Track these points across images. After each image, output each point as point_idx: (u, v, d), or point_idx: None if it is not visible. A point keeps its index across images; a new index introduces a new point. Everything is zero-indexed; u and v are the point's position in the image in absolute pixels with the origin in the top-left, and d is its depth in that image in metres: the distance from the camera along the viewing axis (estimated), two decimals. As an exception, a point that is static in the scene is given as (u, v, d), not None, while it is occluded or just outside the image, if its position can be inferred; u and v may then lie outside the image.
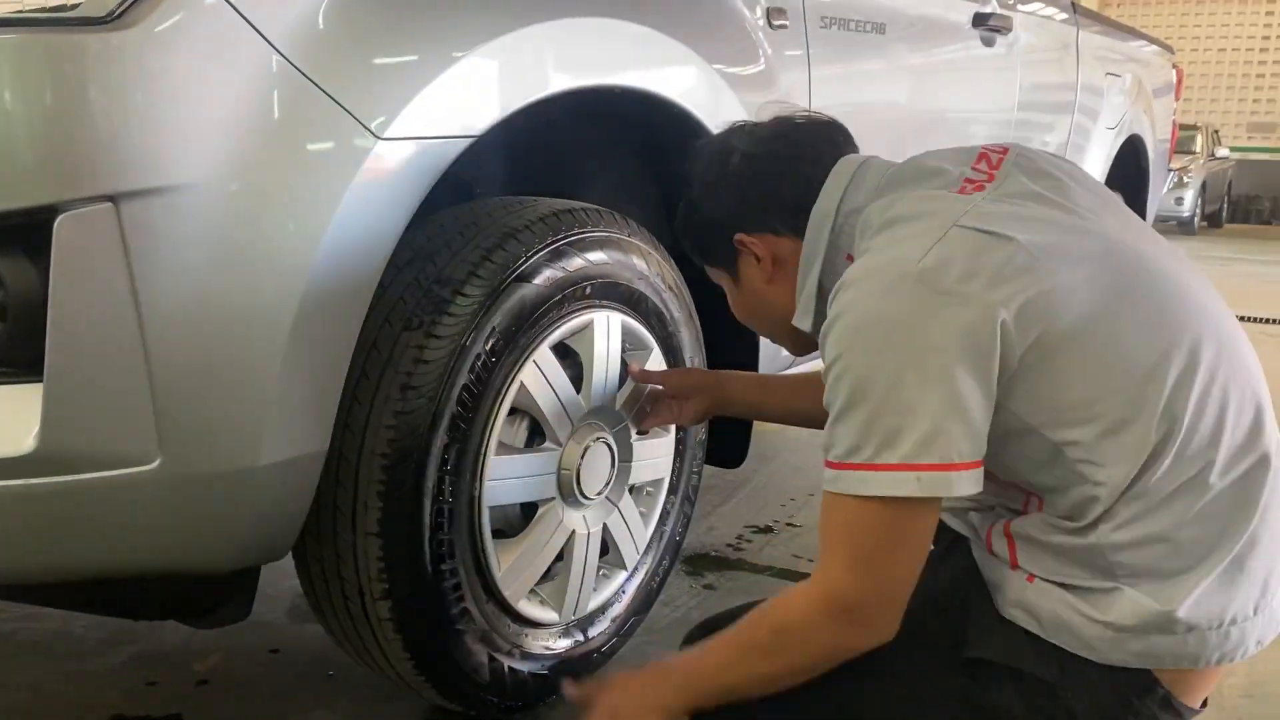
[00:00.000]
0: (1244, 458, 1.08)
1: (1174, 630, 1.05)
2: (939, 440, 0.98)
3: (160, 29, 1.02)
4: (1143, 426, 1.03)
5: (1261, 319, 5.83)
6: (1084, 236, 1.08)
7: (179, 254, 1.04)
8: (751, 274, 1.28)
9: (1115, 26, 3.99)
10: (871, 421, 0.99)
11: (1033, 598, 1.10)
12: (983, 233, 1.04)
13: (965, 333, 0.99)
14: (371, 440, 1.29)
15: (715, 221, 1.27)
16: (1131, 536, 1.05)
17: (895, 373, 0.98)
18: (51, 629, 1.87)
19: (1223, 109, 16.36)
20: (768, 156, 1.24)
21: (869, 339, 1.00)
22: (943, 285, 1.00)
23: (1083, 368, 1.03)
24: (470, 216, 1.43)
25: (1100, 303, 1.04)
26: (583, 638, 1.63)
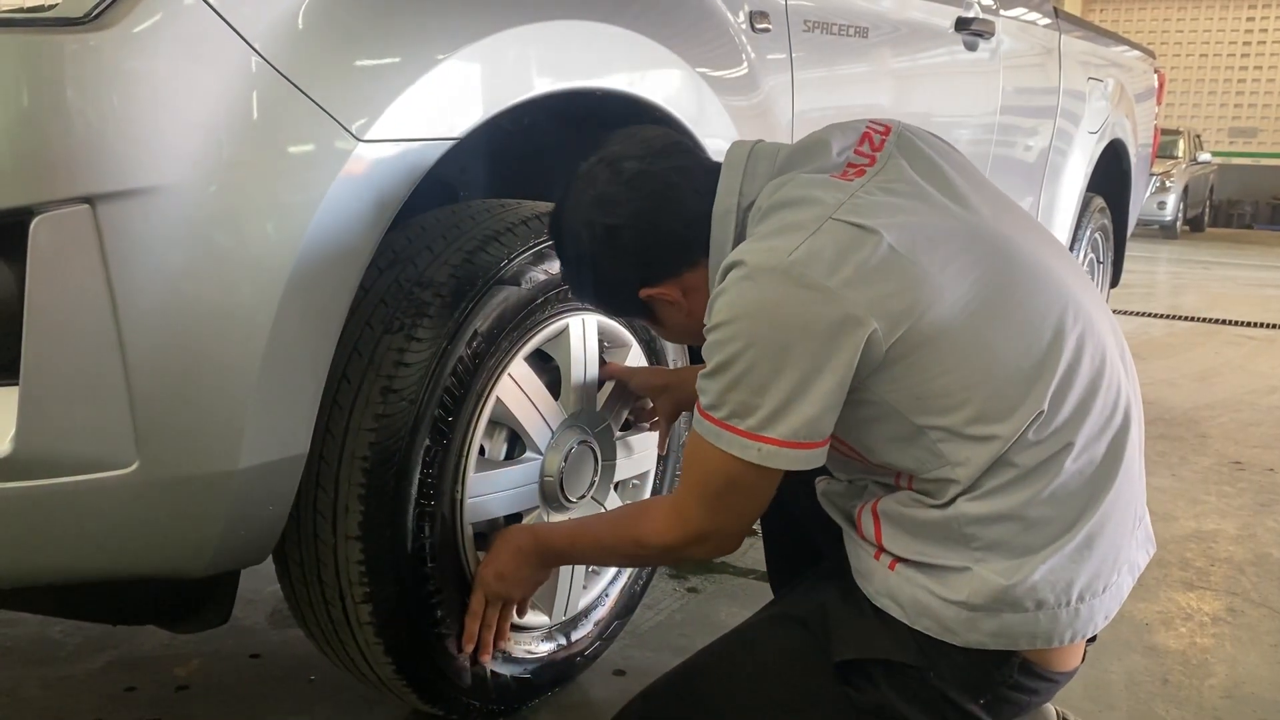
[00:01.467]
0: (1101, 439, 1.15)
1: (1024, 607, 1.11)
2: (782, 421, 1.08)
3: (138, 29, 1.01)
4: (1008, 415, 1.10)
5: (1243, 322, 5.87)
6: (955, 228, 1.13)
7: (156, 256, 1.03)
8: (670, 314, 1.27)
9: (1097, 31, 4.01)
10: (729, 390, 1.09)
11: (895, 585, 1.17)
12: (856, 227, 1.08)
13: (825, 330, 1.05)
14: (352, 443, 1.28)
15: (614, 289, 1.26)
16: (986, 510, 1.12)
17: (755, 355, 1.07)
18: (29, 634, 1.86)
19: (1205, 114, 16.47)
20: (637, 215, 1.20)
21: (739, 319, 1.08)
22: (810, 280, 1.05)
23: (949, 361, 1.09)
24: (452, 219, 1.42)
25: (969, 298, 1.09)
26: (565, 641, 1.63)
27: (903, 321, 1.06)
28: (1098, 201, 4.02)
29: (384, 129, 1.18)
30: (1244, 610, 2.11)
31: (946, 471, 1.12)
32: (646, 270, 1.23)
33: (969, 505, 1.13)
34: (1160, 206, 11.94)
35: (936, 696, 1.17)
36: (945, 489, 1.14)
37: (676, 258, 1.22)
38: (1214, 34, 16.45)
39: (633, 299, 1.25)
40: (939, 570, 1.14)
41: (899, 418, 1.12)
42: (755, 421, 1.08)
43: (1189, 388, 4.19)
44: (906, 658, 1.16)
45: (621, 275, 1.23)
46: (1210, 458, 3.20)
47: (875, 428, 1.14)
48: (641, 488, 1.75)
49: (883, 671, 1.18)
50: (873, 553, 1.20)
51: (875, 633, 1.18)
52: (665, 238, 1.21)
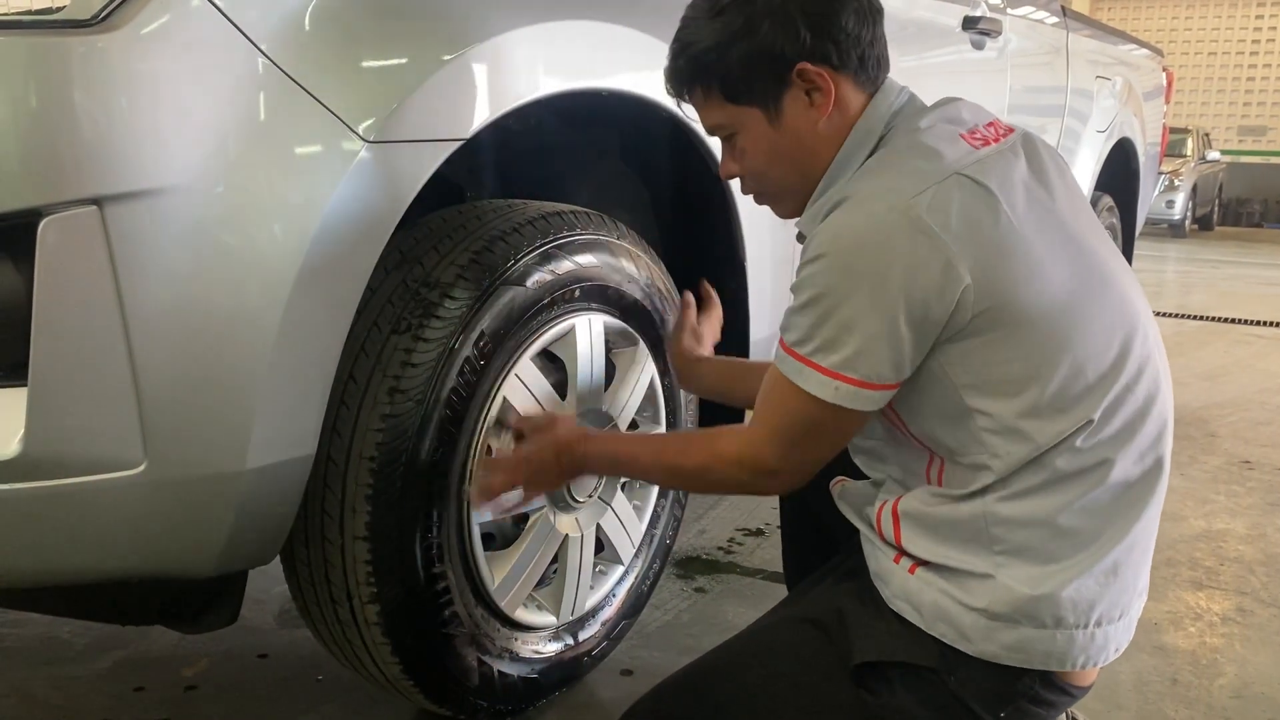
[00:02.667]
0: (1141, 463, 1.13)
1: (1043, 623, 1.10)
2: (863, 361, 1.07)
3: (145, 31, 1.01)
4: (1060, 415, 1.09)
5: (1252, 321, 5.85)
6: (1060, 223, 1.13)
7: (164, 257, 1.04)
8: (798, 113, 1.16)
9: (1105, 30, 4.00)
10: (818, 325, 1.08)
11: (915, 588, 1.15)
12: (979, 185, 1.08)
13: (925, 278, 1.05)
14: (360, 444, 1.28)
15: (774, 51, 1.13)
16: (1015, 512, 1.10)
17: (850, 292, 1.06)
18: (38, 634, 1.87)
19: (1213, 112, 16.41)
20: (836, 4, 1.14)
21: (842, 252, 1.07)
22: (923, 224, 1.05)
23: (1025, 348, 1.08)
24: (459, 219, 1.43)
25: (1059, 290, 1.09)
26: (573, 641, 1.63)
27: (997, 290, 1.06)
28: (1106, 200, 4.01)
29: (391, 130, 1.18)
30: (1254, 610, 2.10)
31: (984, 459, 1.11)
32: (824, 42, 1.13)
33: (999, 505, 1.11)
34: (1169, 205, 11.89)
35: (955, 704, 1.15)
36: (976, 478, 1.12)
37: (859, 52, 1.15)
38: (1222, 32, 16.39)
39: (781, 71, 1.14)
40: (960, 575, 1.13)
41: (954, 394, 1.11)
42: (839, 359, 1.07)
43: (1198, 387, 4.17)
44: (927, 661, 1.15)
45: (796, 34, 1.12)
46: (1219, 457, 3.19)
47: (928, 397, 1.12)
48: (649, 488, 1.75)
49: (900, 676, 1.16)
50: (892, 556, 1.19)
51: (895, 635, 1.16)
52: (861, 29, 1.15)
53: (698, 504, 2.57)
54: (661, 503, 1.78)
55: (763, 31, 1.13)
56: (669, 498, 1.79)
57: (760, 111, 1.17)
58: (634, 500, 1.72)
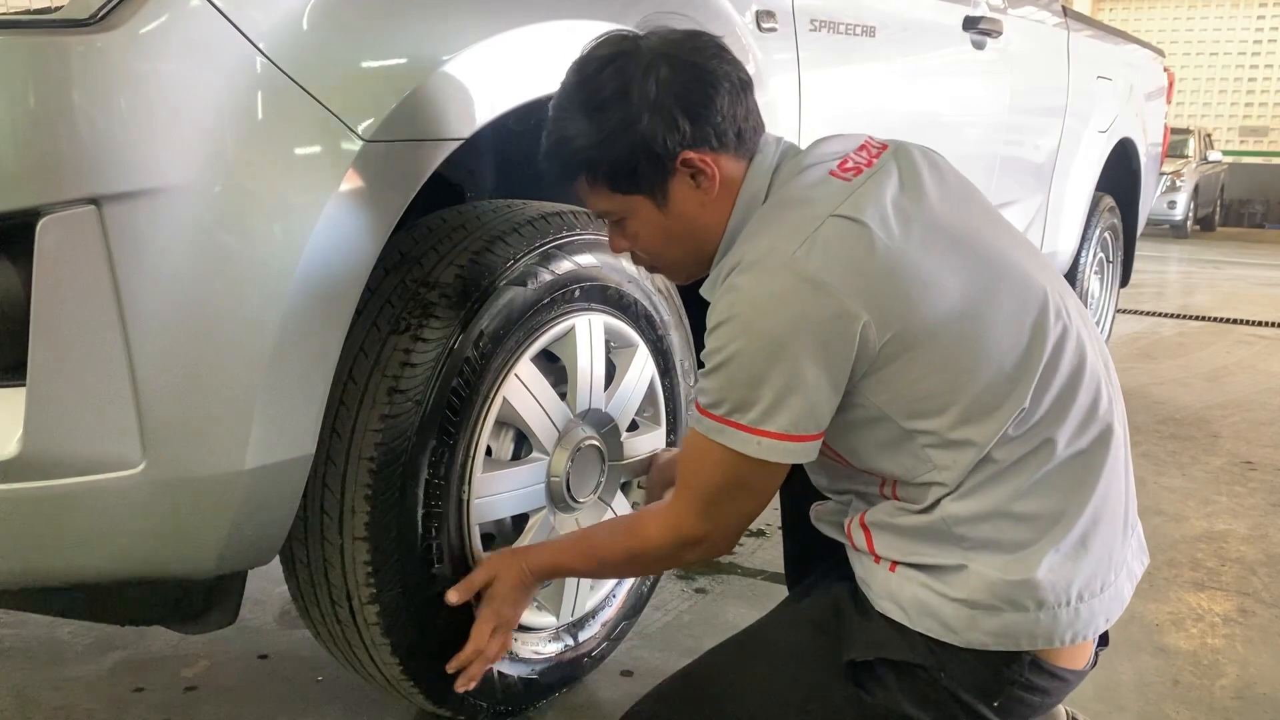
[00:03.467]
0: (1083, 434, 1.16)
1: (1024, 606, 1.12)
2: (780, 413, 1.10)
3: (144, 31, 1.01)
4: (992, 413, 1.12)
5: (1254, 321, 5.84)
6: (945, 229, 1.16)
7: (163, 257, 1.04)
8: (685, 196, 1.18)
9: (1106, 30, 3.99)
10: (729, 386, 1.11)
11: (896, 586, 1.18)
12: (855, 222, 1.11)
13: (821, 322, 1.08)
14: (359, 444, 1.28)
15: (655, 142, 1.13)
16: (971, 510, 1.14)
17: (755, 352, 1.09)
18: (37, 635, 1.87)
19: (1215, 113, 16.40)
20: (710, 70, 1.15)
21: (742, 316, 1.10)
22: (809, 274, 1.08)
23: (938, 360, 1.12)
24: (458, 219, 1.42)
25: (957, 298, 1.12)
26: (573, 642, 1.63)
27: (895, 316, 1.09)
28: (1107, 200, 4.00)
29: (390, 130, 1.18)
30: (1255, 611, 2.10)
31: (932, 475, 1.15)
32: (699, 131, 1.15)
33: (954, 506, 1.14)
34: (1170, 206, 11.89)
35: (948, 699, 1.17)
36: (929, 492, 1.15)
37: (727, 131, 1.16)
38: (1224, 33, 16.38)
39: (665, 160, 1.15)
40: (937, 569, 1.16)
41: (889, 422, 1.14)
42: (755, 415, 1.10)
43: (1200, 387, 4.17)
44: (917, 658, 1.16)
45: (674, 123, 1.13)
46: (1221, 457, 3.18)
47: (864, 432, 1.16)
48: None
49: (894, 673, 1.18)
50: (872, 558, 1.21)
51: (886, 633, 1.18)
52: (724, 109, 1.15)
53: (698, 505, 2.56)
54: (662, 503, 1.78)
55: (643, 126, 1.13)
56: (669, 498, 1.79)
57: (648, 199, 1.19)
58: (634, 500, 1.72)
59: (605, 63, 1.15)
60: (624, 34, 1.19)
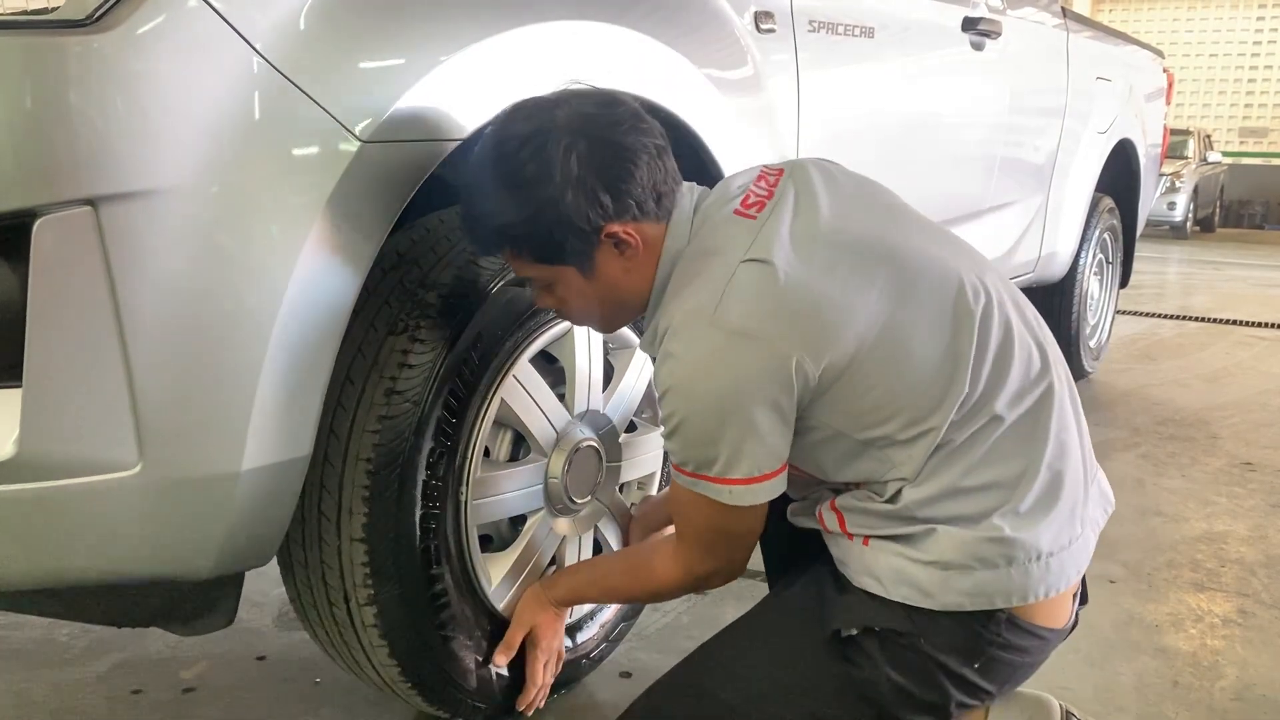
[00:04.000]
0: (1027, 394, 1.22)
1: (994, 563, 1.18)
2: (741, 462, 1.16)
3: (141, 31, 1.01)
4: (937, 408, 1.18)
5: (1254, 323, 5.84)
6: (847, 251, 1.19)
7: (159, 257, 1.03)
8: (609, 263, 1.21)
9: (1106, 31, 3.99)
10: (687, 447, 1.18)
11: (871, 558, 1.22)
12: (760, 263, 1.15)
13: (757, 373, 1.13)
14: (356, 445, 1.28)
15: (578, 219, 1.16)
16: (927, 493, 1.19)
17: (703, 413, 1.14)
18: (35, 637, 1.86)
19: (1215, 114, 16.40)
20: (625, 139, 1.17)
21: (682, 382, 1.15)
22: (735, 328, 1.13)
23: (875, 375, 1.17)
24: (456, 220, 1.42)
25: (876, 310, 1.17)
26: (571, 643, 1.63)
27: (824, 345, 1.14)
28: (1107, 202, 4.00)
29: (387, 130, 1.18)
30: (1255, 612, 2.10)
31: (894, 473, 1.20)
32: (621, 204, 1.17)
33: (912, 493, 1.20)
34: (1170, 207, 11.88)
35: (931, 665, 1.21)
36: (890, 486, 1.21)
37: (647, 198, 1.19)
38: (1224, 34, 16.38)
39: (589, 235, 1.17)
40: (908, 537, 1.20)
41: (844, 437, 1.20)
42: (720, 468, 1.17)
43: (1199, 388, 4.16)
44: (896, 625, 1.21)
45: (594, 200, 1.16)
46: (1221, 458, 3.18)
47: (825, 449, 1.22)
48: (647, 488, 1.75)
49: (877, 644, 1.22)
50: (845, 537, 1.26)
51: (865, 604, 1.23)
52: (643, 178, 1.18)
53: (697, 506, 2.55)
54: (660, 504, 1.78)
55: (566, 203, 1.15)
56: (668, 499, 1.79)
57: (574, 269, 1.22)
58: (632, 502, 1.72)
59: (523, 141, 1.16)
60: (539, 105, 1.19)
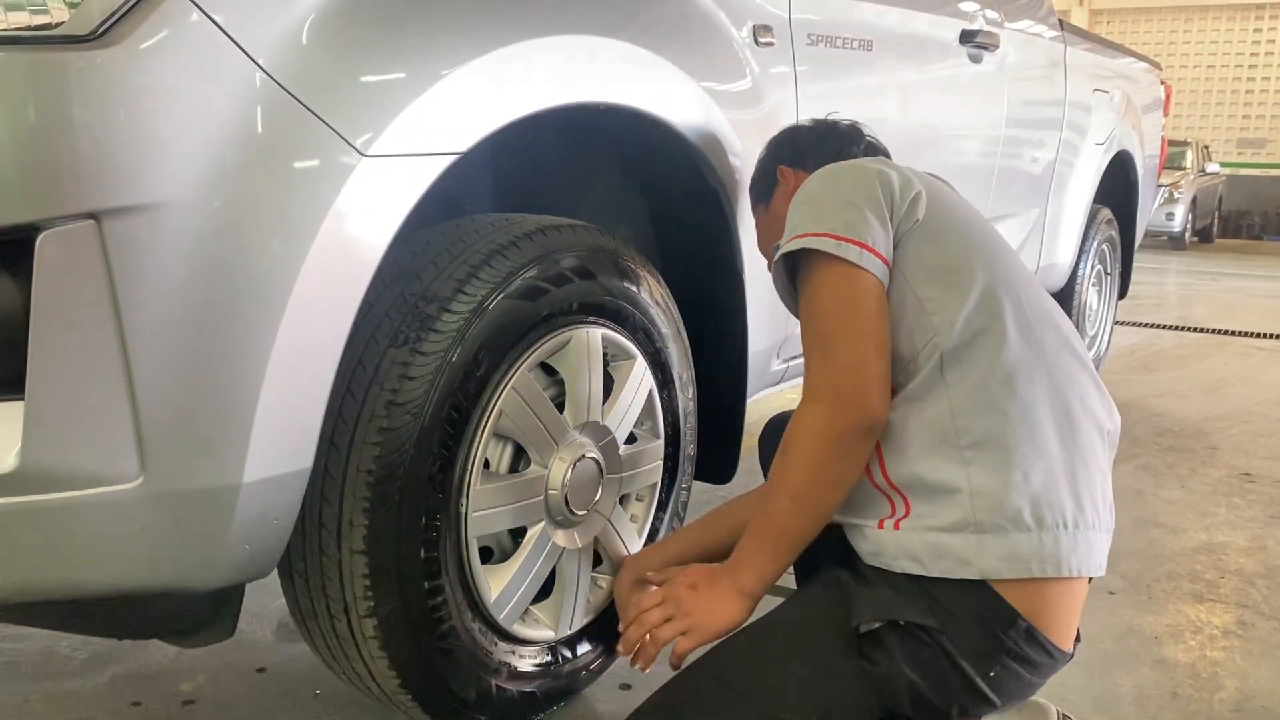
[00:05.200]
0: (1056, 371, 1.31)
1: (1025, 524, 1.22)
2: (859, 224, 1.30)
3: (144, 46, 1.01)
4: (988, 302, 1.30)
5: (1252, 333, 5.85)
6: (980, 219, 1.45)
7: (162, 270, 1.04)
8: (780, 198, 1.63)
9: (1103, 44, 4.01)
10: (810, 209, 1.33)
11: (905, 539, 1.26)
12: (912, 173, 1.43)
13: (889, 181, 1.35)
14: (357, 457, 1.28)
15: (768, 161, 1.69)
16: (970, 394, 1.26)
17: (832, 186, 1.36)
18: (35, 649, 1.86)
19: (1212, 125, 16.45)
20: (816, 131, 1.69)
21: (821, 175, 1.39)
22: (891, 164, 1.42)
23: (955, 252, 1.34)
24: (457, 233, 1.43)
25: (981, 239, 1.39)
26: (571, 655, 1.63)
27: (940, 210, 1.36)
28: (1105, 213, 4.01)
29: (388, 144, 1.18)
30: (1254, 623, 2.10)
31: (929, 335, 1.28)
32: (793, 154, 1.66)
33: (956, 388, 1.26)
34: (1169, 217, 11.91)
35: (947, 665, 1.24)
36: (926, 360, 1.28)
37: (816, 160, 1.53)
38: (1221, 45, 16.44)
39: (771, 173, 1.67)
40: (936, 499, 1.25)
41: (907, 289, 1.31)
42: (832, 224, 1.29)
43: (1199, 399, 4.17)
44: (920, 618, 1.23)
45: (780, 153, 1.68)
46: (1220, 469, 3.19)
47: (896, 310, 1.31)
48: (648, 502, 1.75)
49: (898, 638, 1.24)
50: (875, 524, 1.29)
51: (890, 596, 1.25)
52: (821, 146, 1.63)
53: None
54: (660, 516, 1.78)
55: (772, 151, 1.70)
56: (668, 511, 1.79)
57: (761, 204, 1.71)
58: (632, 514, 1.72)
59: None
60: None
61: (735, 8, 1.80)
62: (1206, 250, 12.76)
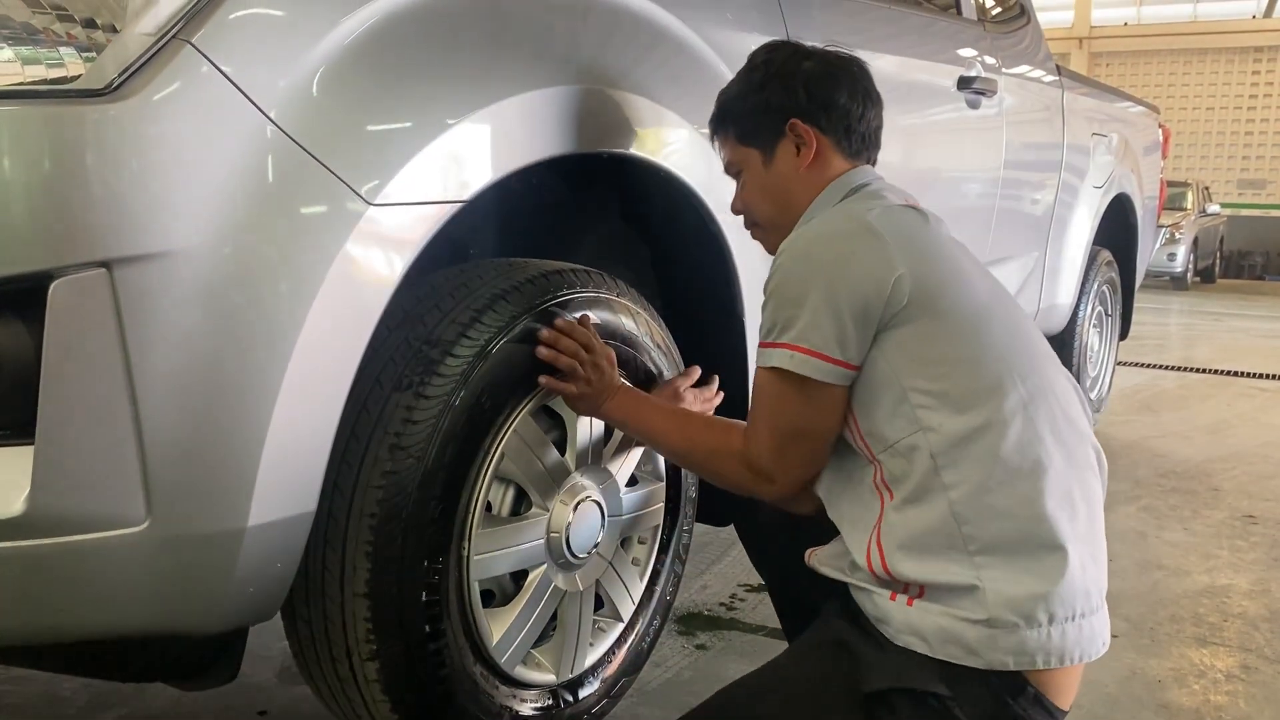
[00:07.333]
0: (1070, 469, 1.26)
1: (1039, 621, 1.20)
2: (813, 332, 1.26)
3: (157, 99, 1.04)
4: (981, 397, 1.24)
5: (1255, 374, 5.85)
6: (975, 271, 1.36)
7: (171, 317, 1.06)
8: (786, 159, 1.42)
9: (1101, 88, 4.05)
10: (778, 310, 1.29)
11: (916, 619, 1.23)
12: (919, 211, 1.38)
13: (868, 266, 1.26)
14: (360, 501, 1.29)
15: (776, 105, 1.42)
16: (972, 499, 1.21)
17: (804, 275, 1.28)
18: (38, 691, 1.86)
19: (1213, 165, 16.55)
20: (843, 75, 1.44)
21: (802, 247, 1.31)
22: (872, 228, 1.28)
23: (945, 338, 1.27)
24: (461, 278, 1.45)
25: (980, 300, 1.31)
26: (572, 699, 1.62)
27: (926, 285, 1.26)
28: (1105, 255, 4.04)
29: (394, 193, 1.21)
30: (1258, 667, 2.09)
31: (918, 438, 1.24)
32: (816, 107, 1.41)
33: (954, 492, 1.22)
34: (1170, 258, 11.96)
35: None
36: (915, 460, 1.24)
37: (841, 122, 1.42)
38: (1220, 87, 16.58)
39: (779, 122, 1.41)
40: (953, 594, 1.21)
41: (894, 381, 1.26)
42: (794, 333, 1.26)
43: (1201, 440, 4.17)
44: (934, 686, 1.21)
45: (797, 97, 1.41)
46: (1223, 511, 3.18)
47: (876, 390, 1.27)
48: (649, 544, 1.76)
49: (909, 702, 1.22)
50: (888, 595, 1.26)
51: (904, 663, 1.23)
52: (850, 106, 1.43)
53: (699, 560, 2.56)
54: (662, 559, 1.78)
55: (771, 89, 1.42)
56: (669, 553, 1.80)
57: (759, 154, 1.44)
58: (634, 556, 1.73)
59: (770, 49, 1.47)
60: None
61: (731, 54, 1.83)
62: (1208, 291, 12.79)
